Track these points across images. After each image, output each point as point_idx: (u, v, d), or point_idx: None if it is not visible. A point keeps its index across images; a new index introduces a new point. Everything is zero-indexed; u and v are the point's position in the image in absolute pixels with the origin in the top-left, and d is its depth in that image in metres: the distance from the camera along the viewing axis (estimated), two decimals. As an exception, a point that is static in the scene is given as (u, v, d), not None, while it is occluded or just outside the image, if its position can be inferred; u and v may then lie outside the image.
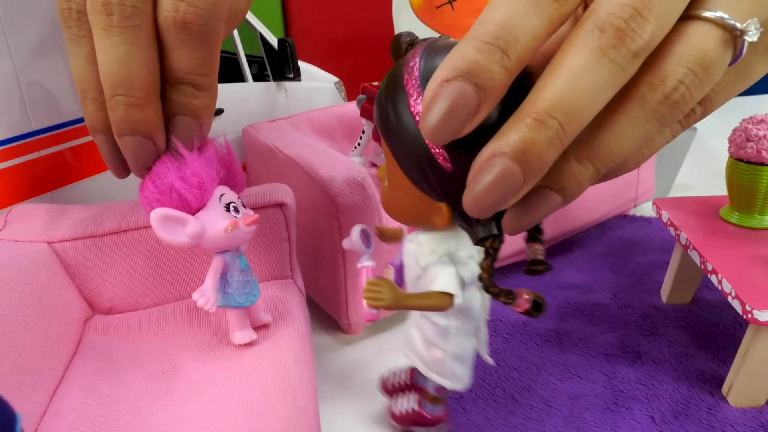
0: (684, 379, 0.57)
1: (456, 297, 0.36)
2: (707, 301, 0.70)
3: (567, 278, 0.77)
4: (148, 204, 0.40)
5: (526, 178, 0.19)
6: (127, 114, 0.34)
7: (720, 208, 0.65)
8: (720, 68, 0.18)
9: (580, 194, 0.21)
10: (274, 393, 0.40)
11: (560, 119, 0.18)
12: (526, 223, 0.22)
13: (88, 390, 0.40)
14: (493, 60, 0.18)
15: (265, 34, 0.81)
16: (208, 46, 0.35)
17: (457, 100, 0.18)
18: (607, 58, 0.17)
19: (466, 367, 0.45)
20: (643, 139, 0.19)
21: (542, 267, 0.29)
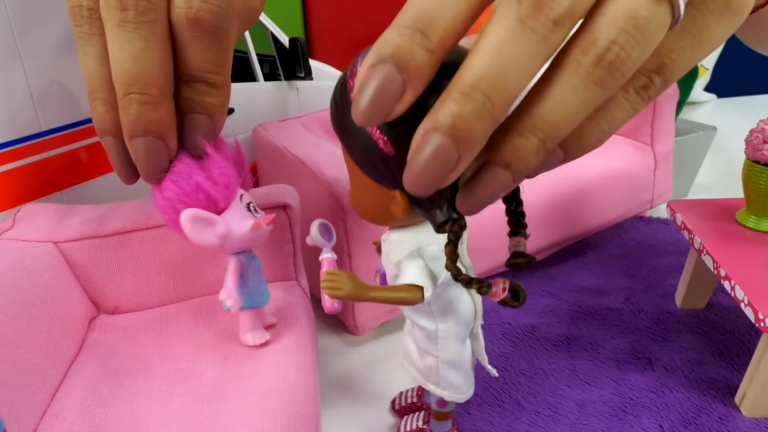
0: (696, 387, 0.56)
1: (425, 289, 0.35)
2: (723, 307, 0.69)
3: (579, 281, 0.76)
4: (171, 206, 0.38)
5: (460, 153, 0.19)
6: (140, 113, 0.33)
7: (736, 212, 0.64)
8: (657, 26, 0.18)
9: (528, 170, 0.21)
10: (272, 397, 0.40)
11: (485, 90, 0.18)
12: (478, 201, 0.22)
13: (89, 390, 0.40)
14: (413, 42, 0.18)
15: (276, 33, 0.81)
16: (220, 43, 0.35)
17: (382, 83, 0.19)
18: (526, 28, 0.18)
19: (464, 375, 0.44)
20: (586, 105, 0.19)
21: (523, 260, 0.28)
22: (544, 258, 0.80)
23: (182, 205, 0.38)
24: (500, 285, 0.29)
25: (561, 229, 0.77)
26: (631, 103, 0.21)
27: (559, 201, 0.75)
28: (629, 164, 0.83)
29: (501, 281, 0.29)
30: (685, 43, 0.21)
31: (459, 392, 0.44)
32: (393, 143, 0.25)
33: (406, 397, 0.55)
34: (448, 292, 0.39)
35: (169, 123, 0.35)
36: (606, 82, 0.19)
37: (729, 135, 1.18)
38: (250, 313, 0.45)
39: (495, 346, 0.63)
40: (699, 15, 0.20)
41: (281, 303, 0.50)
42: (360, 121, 0.20)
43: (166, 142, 0.35)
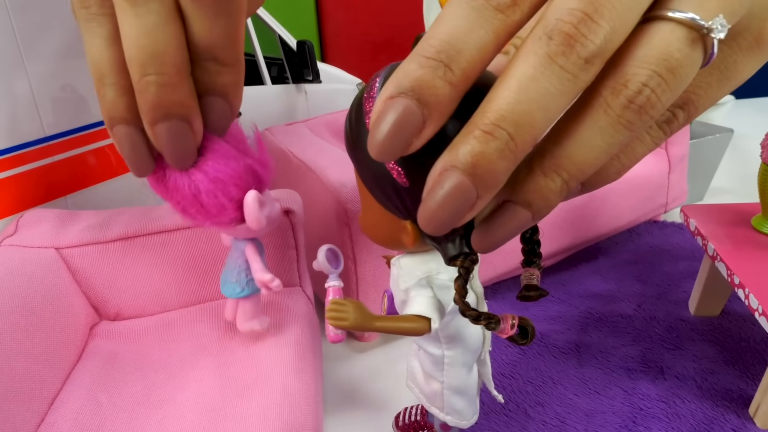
0: (708, 397, 0.55)
1: (432, 321, 0.34)
2: (738, 314, 0.67)
3: (590, 287, 0.75)
4: (222, 189, 0.36)
5: (479, 192, 0.18)
6: (160, 95, 0.31)
7: (752, 217, 0.62)
8: (689, 69, 0.18)
9: (550, 209, 0.20)
10: (270, 406, 0.39)
11: (509, 130, 0.17)
12: (495, 240, 0.21)
13: (87, 398, 0.40)
14: (435, 75, 0.18)
15: (284, 35, 0.81)
16: (229, 14, 0.32)
17: (401, 117, 0.18)
18: (556, 66, 0.17)
19: (468, 402, 0.43)
20: (612, 147, 0.18)
21: (535, 293, 0.27)
22: (554, 263, 0.79)
23: (235, 187, 0.37)
24: (509, 321, 0.28)
25: (572, 233, 0.76)
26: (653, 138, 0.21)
27: (570, 205, 0.74)
28: (643, 168, 0.81)
29: (510, 317, 0.28)
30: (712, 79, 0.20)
31: (462, 418, 0.43)
32: (407, 175, 0.24)
33: (410, 415, 0.54)
34: (457, 320, 0.38)
35: (191, 104, 0.32)
36: (634, 125, 0.18)
37: (747, 137, 1.16)
38: (253, 299, 0.44)
39: (503, 353, 0.62)
40: (729, 52, 0.20)
41: (284, 309, 0.49)
42: (376, 155, 0.19)
43: (191, 124, 0.33)
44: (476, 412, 0.44)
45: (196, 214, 0.38)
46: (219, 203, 0.37)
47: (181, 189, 0.36)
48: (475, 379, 0.43)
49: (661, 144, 0.21)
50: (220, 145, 0.36)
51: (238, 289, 0.43)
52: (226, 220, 0.38)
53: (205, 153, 0.36)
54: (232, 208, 0.38)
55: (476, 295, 0.39)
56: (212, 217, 0.38)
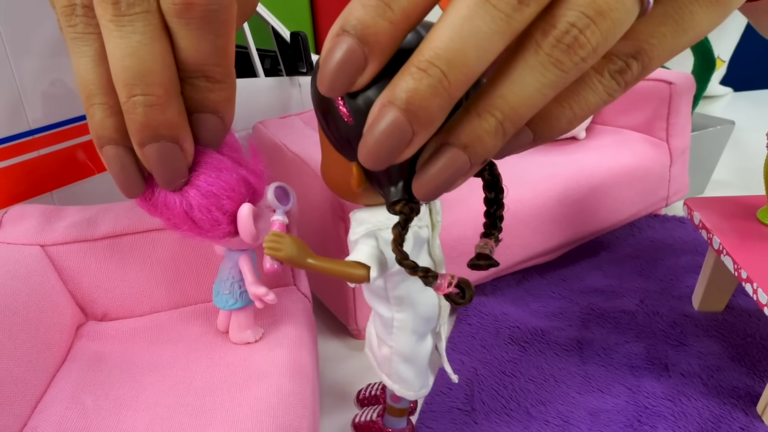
0: (715, 395, 0.53)
1: (371, 270, 0.33)
2: (743, 309, 0.66)
3: (591, 282, 0.73)
4: (215, 203, 0.35)
5: (414, 129, 0.19)
6: (147, 116, 0.30)
7: (757, 210, 0.61)
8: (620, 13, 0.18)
9: (486, 152, 0.20)
10: (263, 408, 0.37)
11: (442, 67, 0.18)
12: (434, 184, 0.21)
13: (72, 401, 0.38)
14: (376, 14, 0.18)
15: (277, 27, 0.79)
16: (217, 29, 0.31)
17: (344, 55, 0.19)
18: (489, 5, 0.17)
19: (416, 372, 0.42)
20: (546, 87, 0.19)
21: (484, 263, 0.27)
22: (554, 258, 0.77)
23: (229, 200, 0.36)
24: (447, 279, 0.27)
25: (573, 227, 0.74)
26: (606, 87, 0.20)
27: (570, 199, 0.72)
28: (644, 160, 0.80)
29: (449, 276, 0.27)
30: (666, 29, 0.20)
31: (409, 388, 0.42)
32: (353, 114, 0.25)
33: (372, 389, 0.53)
34: (409, 282, 0.37)
35: (180, 124, 0.32)
36: (565, 65, 0.18)
37: (746, 129, 1.15)
38: (247, 310, 0.43)
39: (503, 350, 0.60)
40: (684, 1, 0.20)
41: (279, 309, 0.48)
42: (323, 90, 0.20)
43: (181, 145, 0.32)
44: (426, 385, 0.43)
45: (188, 231, 0.36)
46: (212, 218, 0.36)
47: (171, 206, 0.35)
48: (426, 350, 0.42)
49: (616, 96, 0.21)
50: (211, 157, 0.35)
51: (231, 300, 0.42)
52: (220, 234, 0.37)
53: (197, 167, 0.34)
54: (225, 222, 0.37)
55: (434, 260, 0.38)
56: (205, 232, 0.37)
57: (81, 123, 0.55)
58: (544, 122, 0.21)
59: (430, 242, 0.38)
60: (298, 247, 0.34)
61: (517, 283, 0.74)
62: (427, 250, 0.38)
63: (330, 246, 0.58)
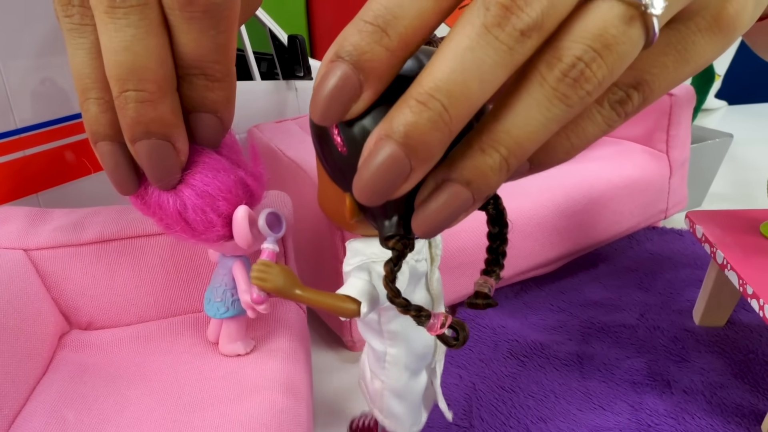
0: (719, 412, 0.52)
1: (362, 305, 0.32)
2: (744, 325, 0.64)
3: (591, 295, 0.72)
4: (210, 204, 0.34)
5: (412, 164, 0.18)
6: (139, 112, 0.29)
7: (761, 224, 0.60)
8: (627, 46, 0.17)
9: (489, 188, 0.19)
10: (255, 426, 0.36)
11: (443, 101, 0.17)
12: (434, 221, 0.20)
13: (52, 416, 0.36)
14: (372, 40, 0.18)
15: (275, 30, 0.77)
16: (218, 25, 0.30)
17: (339, 82, 0.18)
18: (491, 36, 0.17)
19: (408, 409, 0.40)
20: (551, 122, 0.18)
21: (482, 302, 0.25)
22: (553, 270, 0.76)
23: (224, 202, 0.34)
24: (440, 319, 0.26)
25: (572, 239, 0.73)
26: (605, 118, 0.20)
27: (570, 210, 0.71)
28: (644, 172, 0.79)
29: (442, 315, 0.26)
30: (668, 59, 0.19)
31: (400, 425, 0.41)
32: (347, 144, 0.23)
33: (365, 420, 0.52)
34: (403, 317, 0.36)
35: (172, 122, 0.30)
36: (571, 99, 0.18)
37: (742, 143, 1.15)
38: (239, 320, 0.41)
39: (502, 365, 0.59)
40: (686, 31, 0.19)
41: (273, 320, 0.46)
42: (316, 119, 0.19)
43: (174, 143, 0.31)
44: (417, 423, 0.42)
45: (181, 232, 0.35)
46: (206, 219, 0.34)
47: (165, 206, 0.33)
48: (420, 387, 0.40)
49: (615, 126, 0.20)
50: (209, 157, 0.33)
51: (223, 309, 0.40)
52: (214, 237, 0.35)
53: (193, 166, 0.33)
54: (220, 225, 0.35)
55: (432, 296, 0.37)
56: (199, 234, 0.35)
57: (69, 123, 0.53)
58: (542, 152, 0.21)
59: (428, 276, 0.37)
60: (286, 278, 0.33)
61: (515, 295, 0.73)
62: (425, 284, 0.37)
63: (325, 254, 0.56)
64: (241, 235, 0.35)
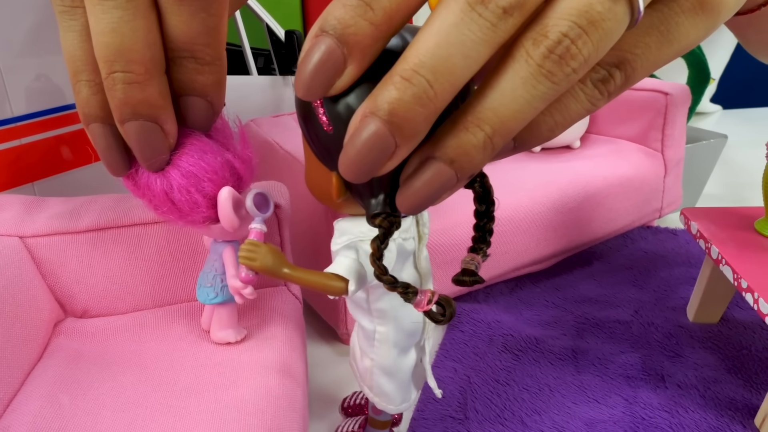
0: (712, 406, 0.52)
1: (350, 283, 0.32)
2: (738, 321, 0.65)
3: (585, 292, 0.72)
4: (195, 184, 0.34)
5: (397, 141, 0.18)
6: (126, 94, 0.29)
7: (755, 221, 0.60)
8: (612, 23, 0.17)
9: (474, 167, 0.19)
10: (251, 411, 0.35)
11: (427, 76, 0.17)
12: (418, 199, 0.20)
13: (47, 400, 0.36)
14: (356, 14, 0.18)
15: (272, 25, 0.78)
16: (209, 7, 0.30)
17: (323, 56, 0.18)
18: (475, 13, 0.17)
19: (398, 386, 0.41)
20: (536, 99, 0.18)
21: (469, 279, 0.25)
22: (548, 267, 0.76)
23: (210, 183, 0.34)
24: (427, 295, 0.26)
25: (567, 236, 0.73)
26: (588, 96, 0.20)
27: (565, 207, 0.71)
28: (639, 170, 0.79)
29: (429, 292, 0.26)
30: (650, 39, 0.20)
31: (390, 402, 0.41)
32: (332, 122, 0.23)
33: (356, 398, 0.52)
34: (391, 295, 0.36)
35: (160, 104, 0.31)
36: (556, 76, 0.18)
37: (735, 145, 1.16)
38: (230, 307, 0.41)
39: (497, 359, 0.59)
40: (669, 12, 0.19)
41: (268, 309, 0.46)
42: (300, 94, 0.19)
43: (162, 125, 0.31)
44: (407, 400, 0.42)
45: (168, 213, 0.35)
46: (192, 200, 0.34)
47: (152, 187, 0.34)
48: (409, 365, 0.41)
49: (599, 105, 0.20)
50: (197, 139, 0.34)
51: (212, 294, 0.40)
52: (199, 218, 0.36)
53: (181, 148, 0.33)
54: (205, 206, 0.35)
55: (420, 273, 0.37)
56: (185, 215, 0.35)
57: (66, 113, 0.53)
58: (526, 130, 0.21)
59: (416, 254, 0.37)
60: (274, 257, 0.33)
61: (510, 290, 0.73)
62: (413, 262, 0.37)
63: (321, 245, 0.56)
64: (225, 216, 0.35)
